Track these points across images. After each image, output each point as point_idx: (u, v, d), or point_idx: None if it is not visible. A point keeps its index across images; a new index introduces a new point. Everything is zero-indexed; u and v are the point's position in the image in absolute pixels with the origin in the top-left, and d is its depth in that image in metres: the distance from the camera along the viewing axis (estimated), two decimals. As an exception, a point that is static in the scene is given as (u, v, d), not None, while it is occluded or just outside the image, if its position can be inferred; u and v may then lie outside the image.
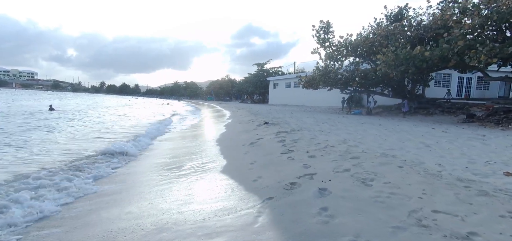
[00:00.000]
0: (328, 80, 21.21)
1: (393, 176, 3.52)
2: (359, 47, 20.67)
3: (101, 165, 6.09)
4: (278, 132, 8.27)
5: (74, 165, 5.91)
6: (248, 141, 7.60)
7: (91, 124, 14.17)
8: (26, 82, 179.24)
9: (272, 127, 9.91)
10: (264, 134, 8.43)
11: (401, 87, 20.27)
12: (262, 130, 9.51)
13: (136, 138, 9.95)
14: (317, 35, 22.54)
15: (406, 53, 13.34)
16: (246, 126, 11.80)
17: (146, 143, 9.39)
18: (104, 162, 6.43)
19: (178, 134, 12.18)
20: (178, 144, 9.45)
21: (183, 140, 10.41)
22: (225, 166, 5.43)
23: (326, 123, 10.55)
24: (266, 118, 13.91)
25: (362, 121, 11.50)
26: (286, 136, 7.39)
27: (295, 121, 11.60)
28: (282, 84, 47.28)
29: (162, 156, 7.45)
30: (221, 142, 8.69)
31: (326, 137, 6.98)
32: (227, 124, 14.68)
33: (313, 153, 5.20)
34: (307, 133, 7.78)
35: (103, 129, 12.20)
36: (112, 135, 10.94)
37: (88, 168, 5.75)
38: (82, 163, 6.03)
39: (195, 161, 6.37)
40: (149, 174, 5.53)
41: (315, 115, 17.44)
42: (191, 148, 8.25)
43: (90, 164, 6.04)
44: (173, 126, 16.24)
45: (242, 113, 21.40)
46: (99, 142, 8.94)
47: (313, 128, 8.95)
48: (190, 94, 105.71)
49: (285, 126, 10.02)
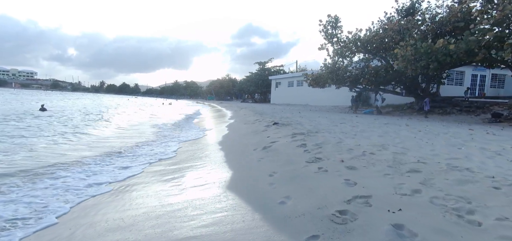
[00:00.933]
0: (336, 78, 20.00)
1: (500, 204, 2.32)
2: (369, 43, 19.47)
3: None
4: (293, 134, 7.08)
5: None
6: (260, 145, 6.42)
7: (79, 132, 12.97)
8: (26, 82, 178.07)
9: (284, 128, 8.72)
10: (277, 136, 7.24)
11: (414, 85, 19.06)
12: (273, 132, 8.31)
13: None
14: (325, 30, 21.33)
15: (427, 47, 12.14)
16: (253, 127, 10.60)
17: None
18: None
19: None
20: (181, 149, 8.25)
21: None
22: (234, 179, 4.24)
23: (343, 123, 9.36)
24: (273, 118, 12.71)
25: (384, 122, 10.30)
26: (305, 139, 6.20)
27: (307, 121, 10.41)
28: (285, 83, 46.08)
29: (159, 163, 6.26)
30: (226, 145, 7.51)
31: (354, 140, 5.79)
32: (231, 125, 13.47)
33: (350, 162, 4.01)
34: (329, 135, 6.59)
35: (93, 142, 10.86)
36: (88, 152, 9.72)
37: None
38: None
39: (198, 169, 5.19)
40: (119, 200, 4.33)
41: (325, 114, 16.25)
42: (194, 153, 7.06)
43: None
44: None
45: (245, 112, 20.20)
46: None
47: (333, 130, 7.75)
48: (190, 94, 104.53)
49: (298, 127, 8.82)
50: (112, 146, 7.89)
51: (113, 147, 7.79)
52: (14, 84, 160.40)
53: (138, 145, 8.38)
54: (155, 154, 7.00)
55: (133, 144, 8.42)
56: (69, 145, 7.91)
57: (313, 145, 5.44)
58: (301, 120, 11.05)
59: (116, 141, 9.03)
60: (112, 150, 7.33)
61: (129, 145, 8.21)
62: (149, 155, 6.80)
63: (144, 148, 7.89)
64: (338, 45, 21.05)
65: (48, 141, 8.33)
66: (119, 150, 7.29)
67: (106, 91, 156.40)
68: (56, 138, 8.83)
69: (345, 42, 20.82)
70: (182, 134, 11.09)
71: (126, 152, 7.15)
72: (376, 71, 19.14)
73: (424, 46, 12.25)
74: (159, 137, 10.01)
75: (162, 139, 9.66)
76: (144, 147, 7.99)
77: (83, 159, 6.11)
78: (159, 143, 8.76)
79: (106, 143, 8.56)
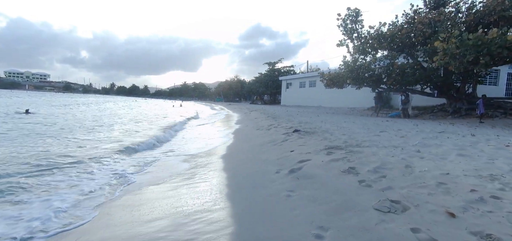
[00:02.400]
0: (357, 77, 17.96)
1: None
2: (394, 39, 17.40)
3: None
4: (327, 149, 5.23)
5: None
6: (284, 165, 4.60)
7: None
8: (39, 84, 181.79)
9: (310, 138, 6.86)
10: (305, 150, 5.40)
11: (447, 85, 16.86)
12: (296, 143, 6.48)
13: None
14: (343, 25, 19.37)
15: (477, 38, 10.08)
16: (269, 134, 8.79)
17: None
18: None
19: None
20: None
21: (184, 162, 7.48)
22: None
23: (385, 132, 7.43)
24: (291, 123, 10.86)
25: (437, 129, 8.27)
26: (349, 157, 4.35)
27: (334, 128, 8.51)
28: (296, 83, 44.11)
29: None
30: (233, 162, 5.73)
31: (429, 163, 3.90)
32: (239, 131, 11.68)
33: (470, 219, 2.13)
34: (381, 152, 4.71)
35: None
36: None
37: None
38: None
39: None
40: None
41: (348, 118, 14.29)
42: (184, 175, 5.30)
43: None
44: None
45: (256, 115, 18.41)
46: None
47: (377, 141, 5.85)
48: (198, 95, 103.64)
49: (328, 136, 6.95)
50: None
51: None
52: (27, 86, 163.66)
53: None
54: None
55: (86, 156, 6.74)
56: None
57: (370, 171, 3.58)
58: (326, 126, 9.15)
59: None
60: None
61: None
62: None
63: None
64: (359, 41, 19.04)
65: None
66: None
67: (116, 93, 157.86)
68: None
69: (366, 37, 18.82)
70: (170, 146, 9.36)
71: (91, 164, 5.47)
72: (402, 69, 17.04)
73: (473, 38, 10.20)
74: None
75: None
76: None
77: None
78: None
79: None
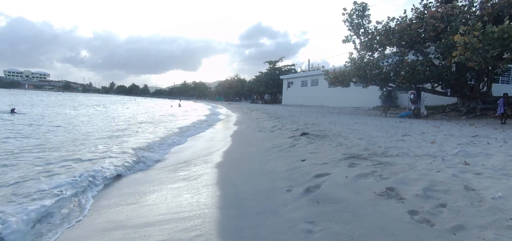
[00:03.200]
0: (364, 75, 16.99)
1: None
2: (402, 35, 16.42)
3: None
4: (347, 158, 4.28)
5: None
6: (296, 181, 3.65)
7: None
8: (39, 83, 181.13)
9: (323, 144, 5.90)
10: (320, 160, 4.45)
11: (460, 83, 15.87)
12: (306, 150, 5.52)
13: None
14: (349, 20, 18.39)
15: (502, 31, 9.10)
16: (273, 137, 7.83)
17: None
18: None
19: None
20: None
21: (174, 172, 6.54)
22: None
23: (408, 136, 6.45)
24: (296, 124, 9.90)
25: (466, 132, 7.30)
26: (380, 171, 3.40)
27: (348, 131, 7.54)
28: (298, 82, 43.13)
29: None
30: (232, 175, 4.79)
31: (496, 182, 2.94)
32: (239, 133, 10.72)
33: None
34: (423, 165, 3.76)
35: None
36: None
37: None
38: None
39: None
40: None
41: (357, 119, 13.34)
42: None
43: None
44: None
45: (257, 115, 17.45)
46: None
47: (409, 149, 4.88)
48: (198, 94, 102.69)
49: (343, 141, 5.99)
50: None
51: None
52: (27, 85, 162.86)
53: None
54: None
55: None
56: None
57: (419, 196, 2.62)
58: (337, 129, 8.18)
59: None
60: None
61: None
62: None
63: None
64: (366, 37, 18.07)
65: None
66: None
67: (116, 92, 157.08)
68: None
69: (373, 33, 17.85)
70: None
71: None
72: (412, 66, 16.07)
73: (498, 30, 9.22)
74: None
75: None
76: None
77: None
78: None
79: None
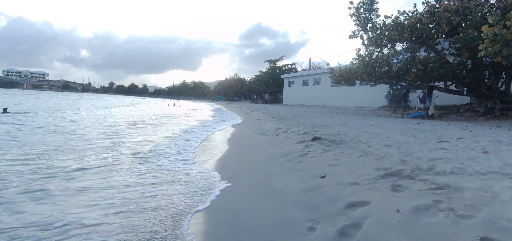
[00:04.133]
0: (373, 72, 15.86)
1: None
2: (413, 30, 15.30)
3: None
4: (385, 176, 3.19)
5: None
6: (322, 214, 2.55)
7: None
8: (38, 83, 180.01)
9: (341, 152, 4.79)
10: (347, 178, 3.35)
11: (477, 82, 14.75)
12: (323, 160, 4.41)
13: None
14: (357, 14, 17.26)
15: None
16: (278, 142, 6.70)
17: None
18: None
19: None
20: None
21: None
22: None
23: (446, 142, 5.32)
24: (303, 127, 8.78)
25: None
26: (450, 202, 2.29)
27: (368, 136, 6.41)
28: (299, 81, 42.02)
29: None
30: (228, 199, 3.69)
31: None
32: (238, 136, 9.58)
33: None
34: (499, 188, 2.63)
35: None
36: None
37: None
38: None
39: None
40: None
41: (370, 120, 12.24)
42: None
43: None
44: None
45: (258, 116, 16.32)
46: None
47: (465, 164, 3.76)
48: (197, 94, 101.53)
49: (367, 149, 4.87)
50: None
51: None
52: (25, 85, 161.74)
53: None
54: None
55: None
56: None
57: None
58: (352, 132, 7.05)
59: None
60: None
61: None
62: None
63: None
64: (374, 32, 16.94)
65: None
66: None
67: (115, 92, 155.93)
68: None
69: (381, 28, 16.73)
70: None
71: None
72: (425, 64, 14.97)
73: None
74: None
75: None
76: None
77: None
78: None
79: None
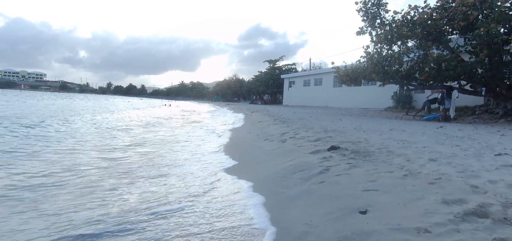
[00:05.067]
0: (383, 71, 14.78)
1: None
2: (424, 25, 14.24)
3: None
4: (466, 215, 2.08)
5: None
6: None
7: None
8: (35, 83, 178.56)
9: (374, 168, 3.66)
10: (404, 216, 2.25)
11: (495, 82, 13.68)
12: (352, 181, 3.29)
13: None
14: (364, 9, 16.19)
15: None
16: (286, 150, 5.57)
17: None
18: None
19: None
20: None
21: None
22: None
23: (505, 155, 4.23)
24: (312, 131, 7.65)
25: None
26: None
27: (399, 146, 5.29)
28: (300, 82, 40.95)
29: None
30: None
31: None
32: (237, 140, 8.44)
33: None
34: None
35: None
36: None
37: None
38: None
39: None
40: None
41: (387, 123, 11.15)
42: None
43: None
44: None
45: (260, 118, 15.18)
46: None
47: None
48: (196, 95, 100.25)
49: (410, 166, 3.75)
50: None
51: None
52: (23, 85, 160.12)
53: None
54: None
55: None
56: None
57: None
58: (374, 139, 5.93)
59: None
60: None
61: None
62: None
63: None
64: (383, 28, 15.86)
65: None
66: None
67: (113, 92, 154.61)
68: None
69: (391, 25, 15.65)
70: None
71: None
72: (439, 62, 13.91)
73: None
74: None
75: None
76: None
77: None
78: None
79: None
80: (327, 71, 34.82)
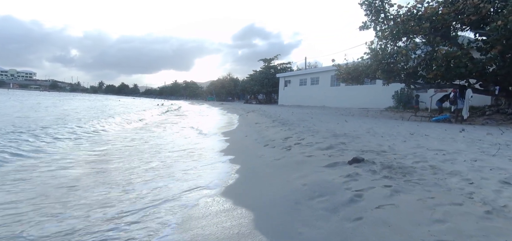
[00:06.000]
0: (389, 69, 13.80)
1: None
2: (432, 20, 13.29)
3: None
4: None
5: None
6: None
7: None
8: (24, 82, 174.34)
9: (428, 194, 2.55)
10: None
11: (508, 80, 12.82)
12: (404, 217, 2.22)
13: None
14: (367, 2, 15.19)
15: None
16: (294, 163, 4.45)
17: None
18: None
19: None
20: None
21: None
22: None
23: None
24: (320, 135, 6.55)
25: None
26: None
27: (439, 159, 4.23)
28: (296, 81, 39.94)
29: None
30: None
31: None
32: (234, 145, 7.27)
33: None
34: None
35: None
36: None
37: None
38: None
39: None
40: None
41: (401, 125, 10.13)
42: None
43: None
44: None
45: (256, 119, 14.04)
46: None
47: None
48: (189, 94, 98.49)
49: (475, 190, 2.65)
50: None
51: None
52: (12, 84, 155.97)
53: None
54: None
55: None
56: None
57: None
58: (401, 148, 4.86)
59: None
60: None
61: None
62: None
63: None
64: (387, 23, 14.89)
65: None
66: None
67: (105, 92, 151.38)
68: None
69: (396, 20, 14.70)
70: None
71: None
72: (448, 59, 12.97)
73: None
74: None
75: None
76: None
77: None
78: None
79: None
80: (324, 70, 33.88)
